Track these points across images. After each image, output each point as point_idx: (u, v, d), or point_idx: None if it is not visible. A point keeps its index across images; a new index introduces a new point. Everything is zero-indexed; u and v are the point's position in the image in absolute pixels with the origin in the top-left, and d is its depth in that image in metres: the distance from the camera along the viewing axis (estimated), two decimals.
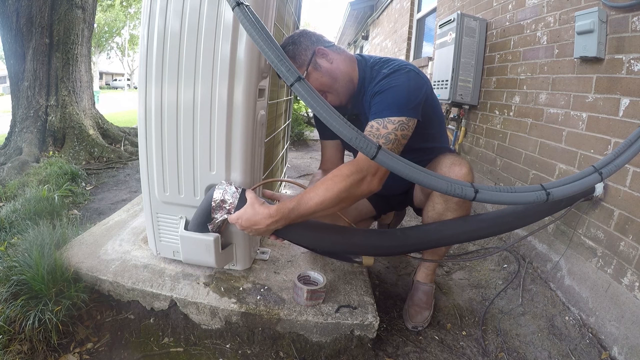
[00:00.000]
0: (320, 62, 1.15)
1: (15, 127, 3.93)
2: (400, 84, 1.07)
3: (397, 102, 1.05)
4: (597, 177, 0.87)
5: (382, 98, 1.07)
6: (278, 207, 0.99)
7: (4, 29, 3.88)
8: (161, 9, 1.02)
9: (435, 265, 1.48)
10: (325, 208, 0.99)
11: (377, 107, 1.06)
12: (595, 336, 1.25)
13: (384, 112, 1.04)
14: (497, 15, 2.34)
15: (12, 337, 1.06)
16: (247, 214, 1.00)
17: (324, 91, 1.17)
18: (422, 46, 5.13)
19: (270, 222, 0.99)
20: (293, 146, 5.02)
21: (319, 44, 1.16)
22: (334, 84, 1.16)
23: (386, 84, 1.08)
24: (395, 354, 1.23)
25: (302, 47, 1.15)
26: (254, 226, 1.00)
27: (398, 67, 1.11)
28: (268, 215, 0.99)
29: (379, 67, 1.16)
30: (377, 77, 1.13)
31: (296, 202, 0.99)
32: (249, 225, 1.01)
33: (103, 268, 1.25)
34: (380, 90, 1.08)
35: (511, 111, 2.12)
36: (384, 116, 1.04)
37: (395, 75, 1.09)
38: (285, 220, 1.00)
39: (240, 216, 1.01)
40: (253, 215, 1.00)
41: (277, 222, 0.99)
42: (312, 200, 0.98)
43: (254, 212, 1.00)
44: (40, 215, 2.07)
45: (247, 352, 1.14)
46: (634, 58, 1.29)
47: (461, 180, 0.81)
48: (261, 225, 1.00)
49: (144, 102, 1.10)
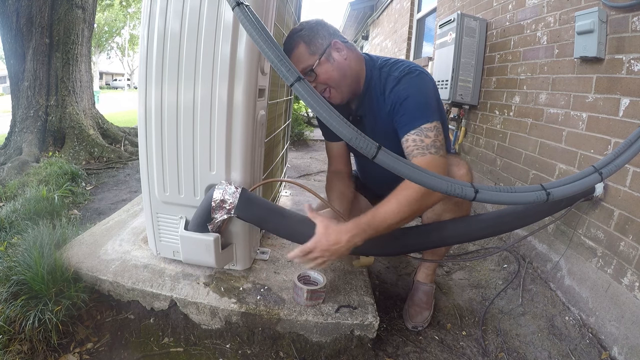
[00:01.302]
0: (334, 55, 1.12)
1: (15, 127, 3.93)
2: (419, 90, 1.07)
3: (424, 109, 1.05)
4: (597, 177, 0.86)
5: (408, 107, 1.06)
6: (354, 223, 0.98)
7: (4, 29, 3.88)
8: (161, 9, 1.02)
9: (436, 266, 1.48)
10: (401, 219, 0.99)
11: (406, 118, 1.06)
12: (595, 336, 1.25)
13: (417, 122, 1.04)
14: (497, 15, 2.34)
15: (12, 337, 1.06)
16: (324, 236, 0.98)
17: (330, 86, 1.14)
18: (422, 46, 5.13)
19: (349, 237, 0.97)
20: (293, 146, 5.02)
21: (336, 37, 1.14)
22: (341, 81, 1.14)
23: (404, 91, 1.07)
24: (395, 354, 1.23)
25: (319, 34, 1.12)
26: (334, 246, 0.97)
27: (408, 69, 1.11)
28: (346, 232, 0.97)
29: (387, 69, 1.15)
30: (388, 81, 1.12)
31: (371, 216, 0.99)
32: (329, 247, 0.97)
33: (103, 268, 1.25)
34: (401, 99, 1.07)
35: (511, 111, 2.12)
36: (417, 126, 1.04)
37: (410, 80, 1.08)
38: (363, 235, 0.98)
39: (318, 240, 0.98)
40: (332, 236, 0.97)
41: (355, 236, 0.98)
42: (387, 213, 0.98)
43: (331, 233, 0.98)
44: (40, 215, 2.07)
45: (247, 352, 1.14)
46: (634, 58, 1.29)
47: (461, 180, 0.81)
48: (342, 243, 0.97)
49: (144, 102, 1.10)
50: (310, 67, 1.10)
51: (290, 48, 1.12)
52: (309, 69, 1.10)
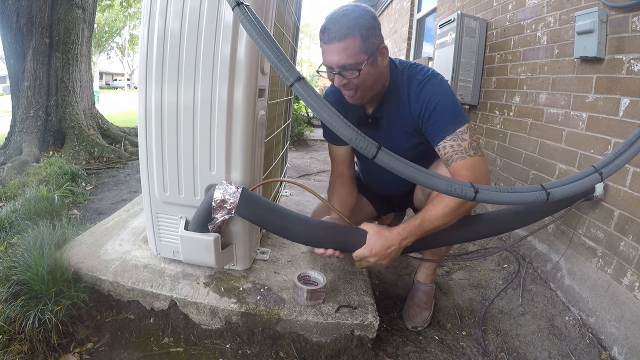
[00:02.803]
0: (379, 59, 1.06)
1: (15, 127, 3.93)
2: (445, 94, 1.09)
3: (454, 113, 1.07)
4: (597, 177, 0.86)
5: (440, 114, 1.08)
6: (405, 227, 1.04)
7: (4, 29, 3.88)
8: (161, 9, 1.02)
9: (436, 266, 1.48)
10: (447, 222, 1.04)
11: (440, 124, 1.08)
12: (595, 336, 1.25)
13: (451, 128, 1.06)
14: (497, 15, 2.34)
15: (12, 337, 1.06)
16: (378, 241, 1.03)
17: (359, 88, 1.08)
18: (422, 46, 5.13)
19: (401, 240, 1.03)
20: (293, 146, 5.02)
21: (382, 40, 1.08)
22: (373, 85, 1.11)
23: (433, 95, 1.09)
24: (395, 354, 1.23)
25: (375, 33, 1.03)
26: (388, 249, 1.03)
27: (430, 73, 1.13)
28: (398, 235, 1.03)
29: (408, 72, 1.15)
30: (411, 84, 1.13)
31: (420, 220, 1.04)
32: (383, 250, 1.03)
33: (103, 268, 1.25)
34: (431, 106, 1.09)
35: (511, 111, 2.12)
36: (453, 131, 1.06)
37: (435, 85, 1.10)
38: (413, 237, 1.04)
39: (373, 246, 1.03)
40: (386, 240, 1.03)
41: (406, 239, 1.04)
42: (434, 216, 1.03)
43: (384, 238, 1.03)
44: (40, 215, 2.07)
45: (247, 352, 1.14)
46: (634, 58, 1.29)
47: (461, 180, 0.81)
48: (395, 246, 1.03)
49: (144, 102, 1.10)
50: (358, 66, 1.02)
51: (342, 35, 0.98)
52: (355, 67, 1.02)
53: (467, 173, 1.01)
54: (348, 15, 1.00)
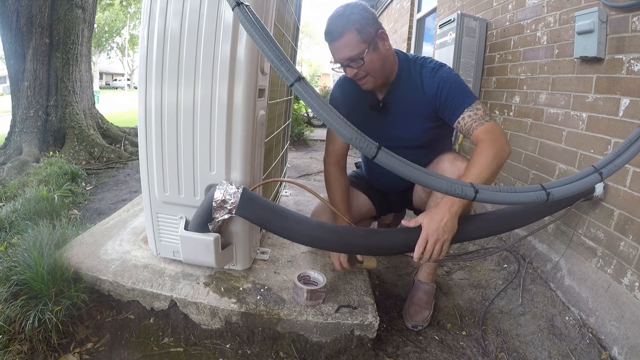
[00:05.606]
0: (379, 44, 1.15)
1: (15, 127, 3.93)
2: (456, 79, 1.20)
3: (467, 91, 1.18)
4: (597, 177, 0.86)
5: (455, 92, 1.17)
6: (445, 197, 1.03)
7: (4, 29, 3.88)
8: (161, 9, 1.02)
9: (437, 265, 1.48)
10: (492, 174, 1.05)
11: (457, 101, 1.17)
12: (595, 336, 1.25)
13: (467, 100, 1.16)
14: (497, 15, 2.34)
15: (12, 337, 1.05)
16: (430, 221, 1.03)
17: (368, 74, 1.17)
18: (422, 46, 5.12)
19: (448, 207, 1.03)
20: (293, 146, 5.02)
21: (380, 25, 1.16)
22: (381, 70, 1.19)
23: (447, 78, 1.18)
24: (395, 354, 1.23)
25: (369, 22, 1.12)
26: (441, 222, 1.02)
27: (440, 63, 1.23)
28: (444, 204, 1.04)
29: (420, 61, 1.25)
30: (423, 71, 1.22)
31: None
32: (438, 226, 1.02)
33: (103, 268, 1.25)
34: (447, 86, 1.18)
35: (511, 111, 2.12)
36: (469, 104, 1.15)
37: (445, 72, 1.20)
38: (458, 203, 1.04)
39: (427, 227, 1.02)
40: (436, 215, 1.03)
41: (453, 205, 1.03)
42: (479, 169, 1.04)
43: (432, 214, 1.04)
44: (40, 215, 2.07)
45: (247, 352, 1.14)
46: (634, 58, 1.29)
47: (461, 180, 0.81)
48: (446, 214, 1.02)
49: (144, 102, 1.10)
50: (360, 55, 1.12)
51: (339, 34, 1.11)
52: (358, 57, 1.12)
53: (488, 136, 1.09)
54: (341, 15, 1.12)
